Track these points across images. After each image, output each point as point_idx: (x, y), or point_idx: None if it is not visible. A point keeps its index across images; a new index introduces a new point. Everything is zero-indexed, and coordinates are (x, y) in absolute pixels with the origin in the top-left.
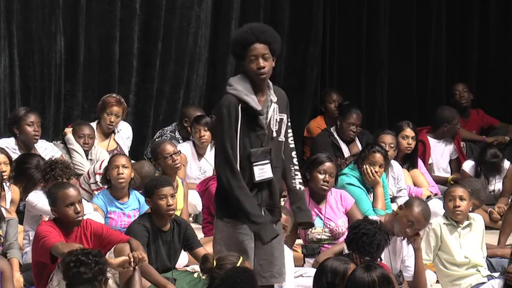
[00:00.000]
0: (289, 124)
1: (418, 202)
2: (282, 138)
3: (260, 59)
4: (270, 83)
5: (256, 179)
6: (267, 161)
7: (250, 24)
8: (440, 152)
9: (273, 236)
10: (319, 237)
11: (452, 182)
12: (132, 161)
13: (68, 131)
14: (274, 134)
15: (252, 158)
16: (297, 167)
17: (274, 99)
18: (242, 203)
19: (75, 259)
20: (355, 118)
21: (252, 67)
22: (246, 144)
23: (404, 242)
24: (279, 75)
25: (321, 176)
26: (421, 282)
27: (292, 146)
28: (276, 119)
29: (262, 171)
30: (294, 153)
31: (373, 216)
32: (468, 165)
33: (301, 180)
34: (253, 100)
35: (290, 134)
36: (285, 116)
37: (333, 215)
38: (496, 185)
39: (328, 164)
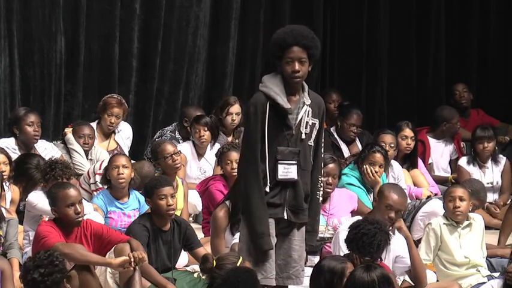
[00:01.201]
0: (323, 133)
1: (387, 186)
2: (311, 142)
3: (296, 62)
4: (306, 86)
5: (279, 177)
6: (294, 162)
7: (293, 26)
8: (440, 152)
9: (267, 249)
10: (322, 235)
11: (453, 181)
12: (132, 161)
13: (68, 131)
14: (303, 136)
15: (278, 155)
16: (322, 178)
17: (308, 102)
18: (252, 203)
19: (31, 282)
20: (355, 119)
21: (287, 69)
22: (271, 142)
23: (394, 237)
24: None
25: (324, 179)
26: (419, 268)
27: (323, 155)
28: (307, 122)
29: (287, 171)
30: (322, 164)
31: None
32: (464, 161)
33: (322, 192)
34: (281, 98)
35: (323, 144)
36: (317, 122)
37: (336, 212)
38: (494, 176)
39: (330, 166)
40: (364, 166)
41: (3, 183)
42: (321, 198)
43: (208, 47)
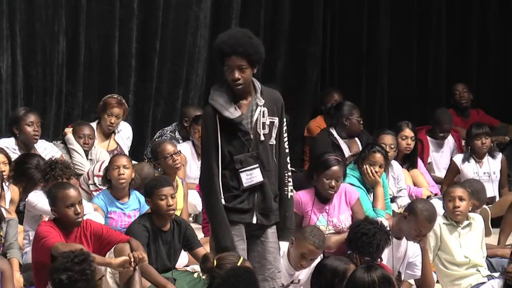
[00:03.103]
0: (285, 128)
1: (420, 208)
2: (272, 141)
3: (235, 70)
4: (258, 87)
5: (245, 185)
6: (256, 166)
7: (232, 32)
8: (440, 152)
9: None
10: None
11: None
12: (133, 162)
13: (68, 131)
14: (262, 138)
15: (236, 165)
16: (290, 173)
17: (261, 102)
18: (213, 219)
19: (58, 281)
20: (358, 112)
21: (228, 77)
22: (231, 151)
23: (409, 242)
24: (279, 75)
25: (327, 181)
26: (429, 279)
27: (287, 151)
28: (265, 122)
29: (251, 177)
30: (288, 159)
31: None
32: (459, 158)
33: (292, 187)
34: (226, 109)
35: (285, 139)
36: (276, 119)
37: (336, 212)
38: (491, 167)
39: (334, 169)
40: (364, 166)
41: (3, 183)
42: (290, 194)
43: (209, 47)
